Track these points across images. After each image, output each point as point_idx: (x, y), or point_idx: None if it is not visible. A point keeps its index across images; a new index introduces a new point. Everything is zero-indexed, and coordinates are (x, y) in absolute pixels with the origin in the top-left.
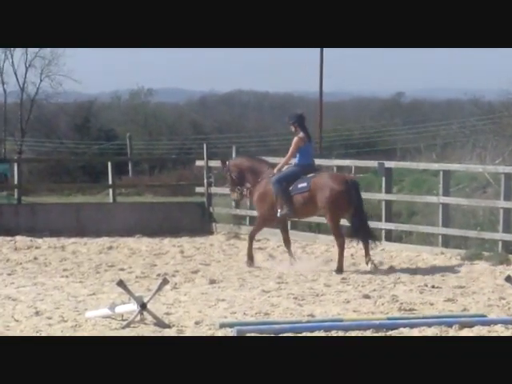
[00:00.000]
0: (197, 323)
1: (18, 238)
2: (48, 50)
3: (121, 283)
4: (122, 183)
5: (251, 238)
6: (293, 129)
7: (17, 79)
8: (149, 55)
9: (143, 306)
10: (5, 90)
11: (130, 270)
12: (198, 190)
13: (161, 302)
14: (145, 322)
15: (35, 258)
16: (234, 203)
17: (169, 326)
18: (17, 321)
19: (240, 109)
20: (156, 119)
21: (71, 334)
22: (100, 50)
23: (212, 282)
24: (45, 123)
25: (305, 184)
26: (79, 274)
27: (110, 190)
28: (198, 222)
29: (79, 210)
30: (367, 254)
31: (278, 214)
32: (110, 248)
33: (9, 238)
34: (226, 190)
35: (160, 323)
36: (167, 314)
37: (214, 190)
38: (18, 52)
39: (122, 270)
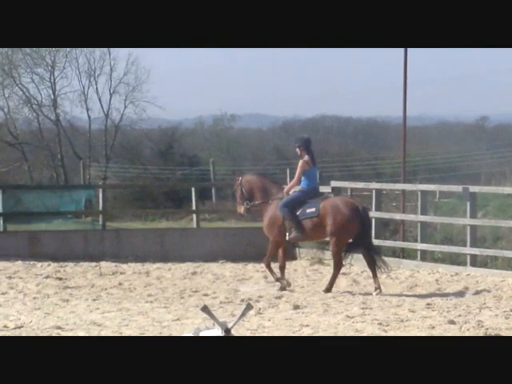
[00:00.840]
0: None
1: (102, 263)
2: (132, 76)
3: (205, 308)
4: (206, 208)
5: (268, 266)
6: (298, 152)
7: (101, 106)
8: (232, 80)
9: (227, 332)
10: (89, 117)
11: (214, 296)
12: None
13: (245, 328)
14: None
15: (120, 284)
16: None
17: None
18: None
19: (323, 134)
20: (239, 144)
21: None
22: (184, 77)
23: (296, 307)
24: (129, 149)
25: (313, 209)
26: (164, 299)
27: (194, 216)
28: None
29: (163, 235)
30: (375, 278)
31: (287, 238)
32: (194, 273)
33: (94, 264)
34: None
35: None
36: None
37: None
38: (103, 78)
39: (205, 295)
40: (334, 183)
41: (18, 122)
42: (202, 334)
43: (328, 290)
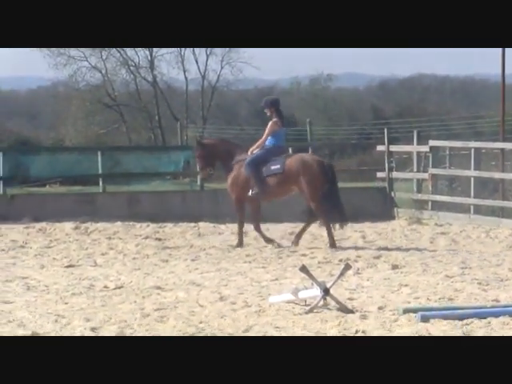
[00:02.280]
0: (380, 308)
1: (201, 224)
2: None
3: (303, 268)
4: None
5: (241, 225)
6: (268, 113)
7: (198, 67)
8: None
9: (326, 292)
10: (186, 78)
11: (312, 256)
12: (379, 175)
13: (343, 288)
14: (328, 307)
15: (218, 244)
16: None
17: (352, 311)
18: (201, 306)
19: (421, 93)
20: (336, 104)
21: (255, 319)
22: None
23: (394, 267)
24: (226, 110)
25: (278, 166)
26: (262, 259)
27: None
28: (380, 208)
29: None
30: (330, 233)
31: (250, 194)
32: (292, 233)
33: (192, 224)
34: (407, 175)
35: (343, 308)
36: (350, 299)
37: (395, 174)
38: None
39: (304, 255)
40: (432, 142)
41: (115, 83)
42: (301, 293)
43: (333, 245)
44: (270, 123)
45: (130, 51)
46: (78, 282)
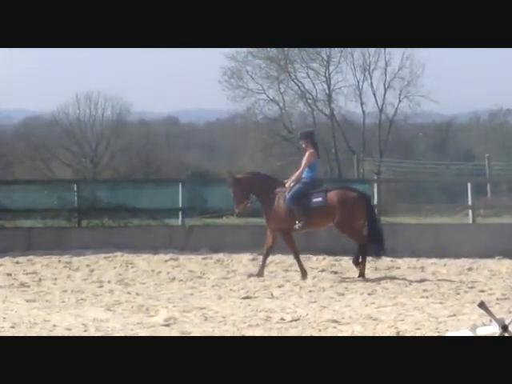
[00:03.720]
0: None
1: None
2: (407, 70)
3: (482, 305)
4: (481, 204)
5: (296, 254)
6: (304, 145)
7: (375, 100)
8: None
9: (504, 328)
10: (363, 111)
11: (491, 292)
12: None
13: None
14: None
15: (395, 279)
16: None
17: None
18: None
19: None
20: None
21: None
22: (459, 72)
23: None
24: (403, 144)
25: (320, 198)
26: (439, 294)
27: (470, 211)
28: None
29: (438, 230)
30: (364, 263)
31: (296, 227)
32: (470, 269)
33: (369, 258)
34: None
35: None
36: None
37: None
38: (377, 73)
39: (482, 291)
40: None
41: (292, 116)
42: (479, 330)
43: (362, 275)
44: (307, 154)
45: (307, 84)
46: (254, 313)
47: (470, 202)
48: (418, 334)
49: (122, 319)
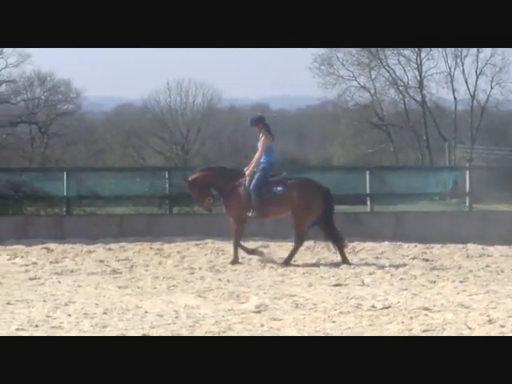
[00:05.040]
0: None
1: (469, 245)
2: (499, 57)
3: None
4: None
5: (237, 244)
6: (257, 129)
7: (467, 87)
8: None
9: None
10: (455, 98)
11: None
12: None
13: None
14: None
15: (487, 266)
16: None
17: None
18: (470, 328)
19: None
20: None
21: None
22: None
23: None
24: (495, 131)
25: (281, 187)
26: None
27: None
28: None
29: None
30: (342, 253)
31: (250, 214)
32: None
33: (460, 246)
34: None
35: None
36: None
37: None
38: (469, 59)
39: None
40: None
41: (384, 103)
42: None
43: (287, 262)
44: (262, 138)
45: (399, 71)
46: (345, 300)
47: None
48: (510, 322)
49: (213, 306)
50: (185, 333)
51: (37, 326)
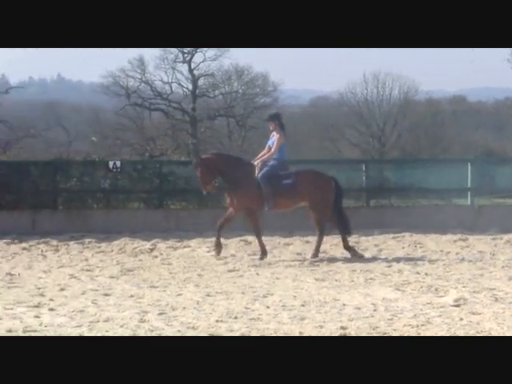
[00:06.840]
0: None
1: None
2: None
3: None
4: None
5: (259, 233)
6: (271, 127)
7: None
8: None
9: None
10: None
11: None
12: None
13: None
14: None
15: None
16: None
17: None
18: None
19: None
20: None
21: None
22: None
23: None
24: None
25: (289, 180)
26: None
27: None
28: None
29: None
30: (346, 243)
31: (266, 208)
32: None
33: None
34: None
35: None
36: None
37: None
38: None
39: None
40: None
41: None
42: None
43: (315, 255)
44: (277, 137)
45: None
46: None
47: None
48: None
49: (411, 299)
50: (383, 326)
51: (236, 318)
